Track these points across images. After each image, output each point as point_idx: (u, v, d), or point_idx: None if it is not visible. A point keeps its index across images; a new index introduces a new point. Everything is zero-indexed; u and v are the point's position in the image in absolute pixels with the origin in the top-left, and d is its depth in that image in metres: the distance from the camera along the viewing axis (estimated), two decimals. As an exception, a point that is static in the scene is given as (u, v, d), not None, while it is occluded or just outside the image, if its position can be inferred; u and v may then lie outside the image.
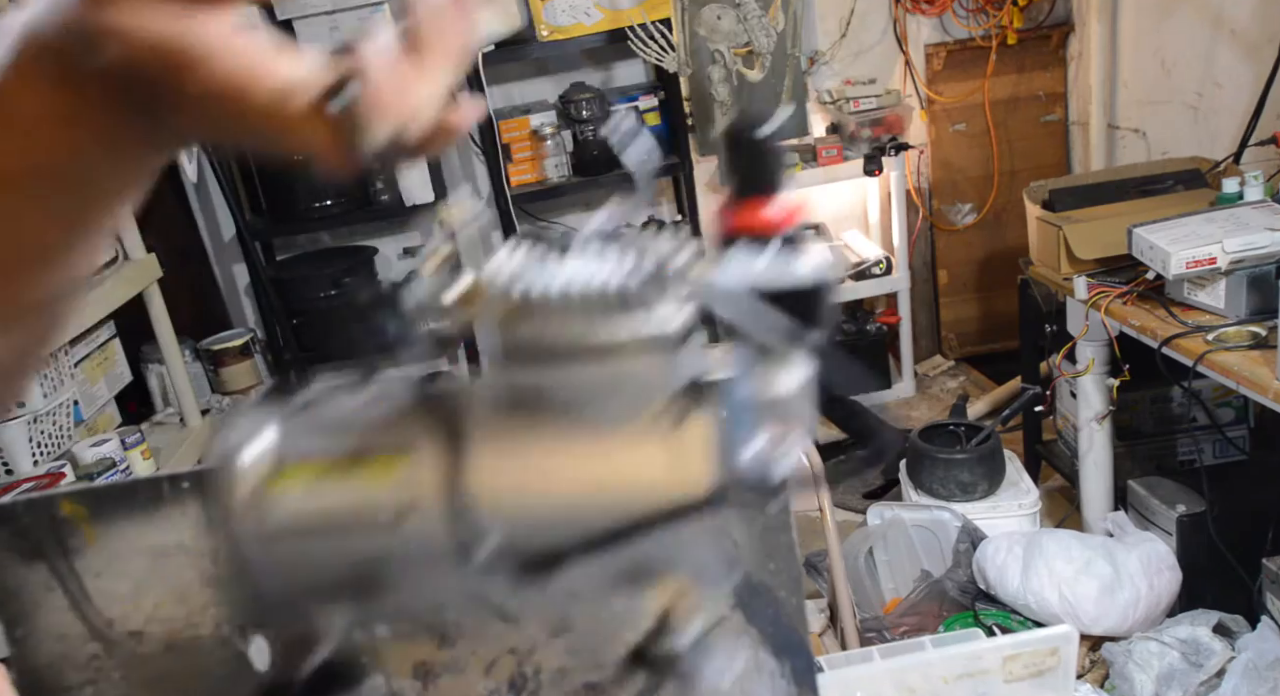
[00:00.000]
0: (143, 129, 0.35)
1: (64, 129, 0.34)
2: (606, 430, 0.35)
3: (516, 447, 0.35)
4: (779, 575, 0.83)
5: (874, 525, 2.40)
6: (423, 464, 0.35)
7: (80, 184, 0.36)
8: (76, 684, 0.78)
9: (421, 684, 0.82)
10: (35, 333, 0.39)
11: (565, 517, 0.35)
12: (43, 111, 0.34)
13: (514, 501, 0.35)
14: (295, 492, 0.36)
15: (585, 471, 0.35)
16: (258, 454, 0.36)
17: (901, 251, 3.55)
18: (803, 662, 0.85)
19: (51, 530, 0.76)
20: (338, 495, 0.35)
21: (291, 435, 0.37)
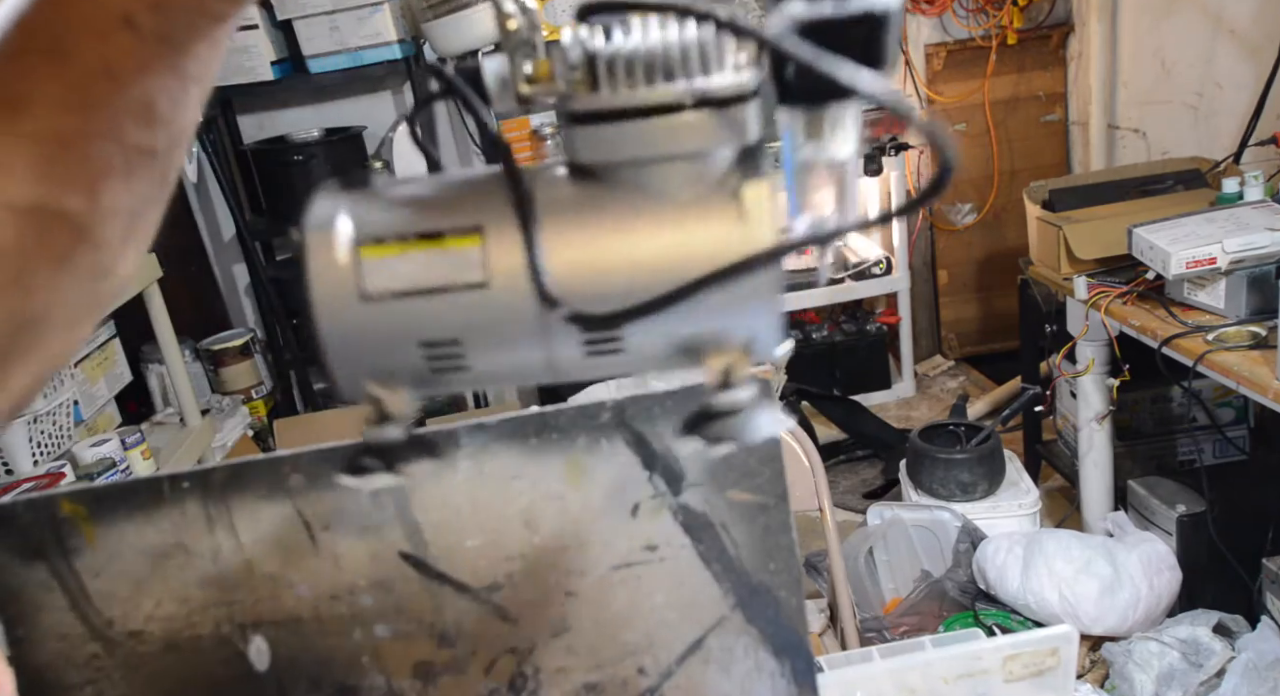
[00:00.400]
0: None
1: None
2: (671, 199, 0.37)
3: (585, 221, 0.37)
4: (779, 575, 0.83)
5: (874, 525, 2.40)
6: (494, 240, 0.37)
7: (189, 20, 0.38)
8: (76, 684, 0.78)
9: (421, 684, 0.82)
10: (155, 181, 0.41)
11: (634, 286, 0.36)
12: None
13: (584, 272, 0.37)
14: (384, 261, 0.37)
15: (652, 241, 0.37)
16: (346, 225, 0.38)
17: (901, 251, 3.55)
18: (803, 662, 0.85)
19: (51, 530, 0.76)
20: (421, 265, 0.37)
21: (364, 215, 0.38)
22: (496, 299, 0.37)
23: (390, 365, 0.39)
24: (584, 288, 0.37)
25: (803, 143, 0.36)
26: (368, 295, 0.37)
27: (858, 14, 0.33)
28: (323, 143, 3.31)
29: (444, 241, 0.37)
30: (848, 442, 3.31)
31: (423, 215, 0.38)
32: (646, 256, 0.37)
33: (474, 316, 0.38)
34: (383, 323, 0.38)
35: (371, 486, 0.40)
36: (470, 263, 0.37)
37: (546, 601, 0.81)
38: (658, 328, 0.37)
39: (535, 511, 0.80)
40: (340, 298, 0.38)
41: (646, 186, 0.37)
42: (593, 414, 0.79)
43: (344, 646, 0.80)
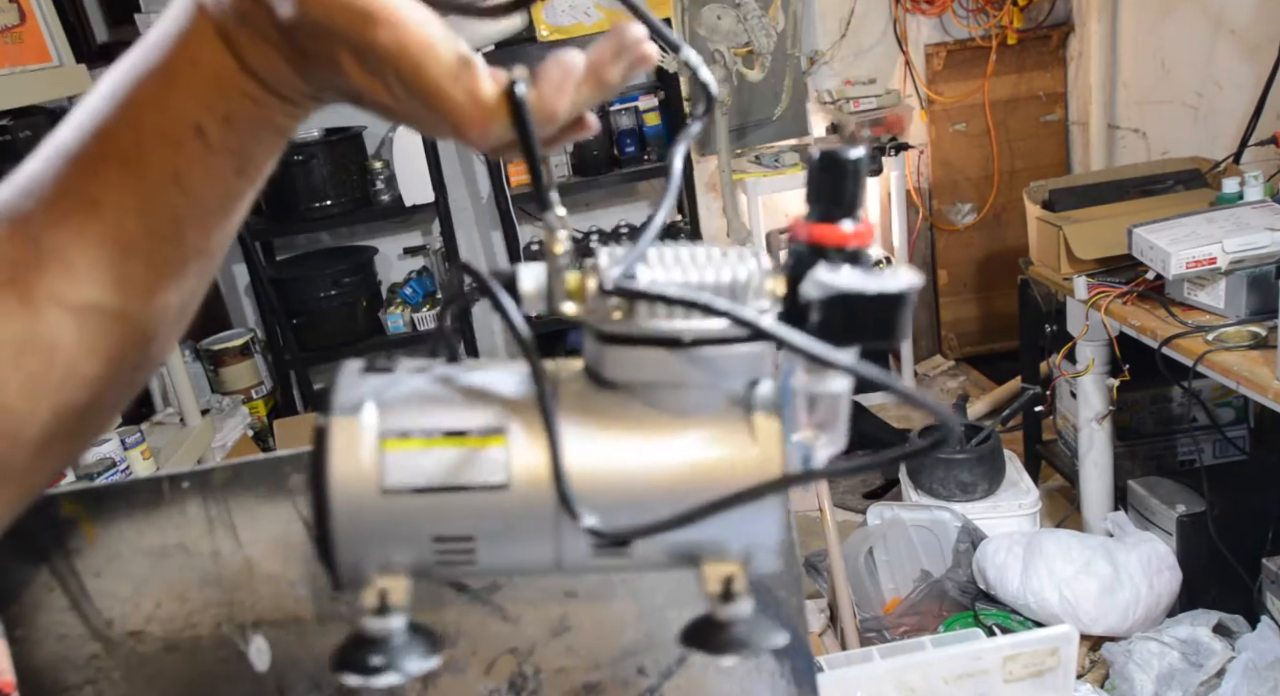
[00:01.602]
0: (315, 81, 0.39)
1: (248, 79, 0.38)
2: (689, 420, 0.39)
3: (605, 433, 0.39)
4: (779, 575, 0.83)
5: (874, 525, 2.40)
6: (517, 443, 0.38)
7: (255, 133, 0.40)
8: (76, 684, 0.78)
9: (421, 684, 0.82)
10: (204, 277, 0.43)
11: (646, 500, 0.38)
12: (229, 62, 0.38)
13: (599, 482, 0.38)
14: (406, 456, 0.38)
15: (667, 458, 0.39)
16: (371, 416, 0.39)
17: (901, 251, 3.55)
18: (803, 662, 0.85)
19: (51, 530, 0.76)
20: (443, 463, 0.38)
21: (389, 408, 0.39)
22: (515, 501, 0.38)
23: (399, 557, 0.39)
24: (597, 496, 0.38)
25: (801, 374, 0.39)
26: (388, 489, 0.38)
27: (876, 294, 0.36)
28: (323, 143, 3.31)
29: (468, 441, 0.38)
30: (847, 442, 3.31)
31: (448, 412, 0.39)
32: (661, 473, 0.39)
33: (491, 516, 0.38)
34: (398, 516, 0.38)
35: (378, 684, 0.39)
36: (493, 464, 0.38)
37: (546, 601, 0.82)
38: (666, 541, 0.39)
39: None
40: (359, 489, 0.38)
41: (666, 406, 0.39)
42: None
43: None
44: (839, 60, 3.62)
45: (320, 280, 3.41)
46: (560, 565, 0.40)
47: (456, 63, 0.37)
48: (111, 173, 0.38)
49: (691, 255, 0.39)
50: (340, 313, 3.44)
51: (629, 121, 3.46)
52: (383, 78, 0.37)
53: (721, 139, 3.27)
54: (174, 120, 0.38)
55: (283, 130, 0.42)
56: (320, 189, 3.33)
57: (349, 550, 0.39)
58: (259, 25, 0.37)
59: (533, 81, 0.38)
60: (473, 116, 0.37)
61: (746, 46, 3.23)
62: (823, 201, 0.38)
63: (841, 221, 0.38)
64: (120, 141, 0.38)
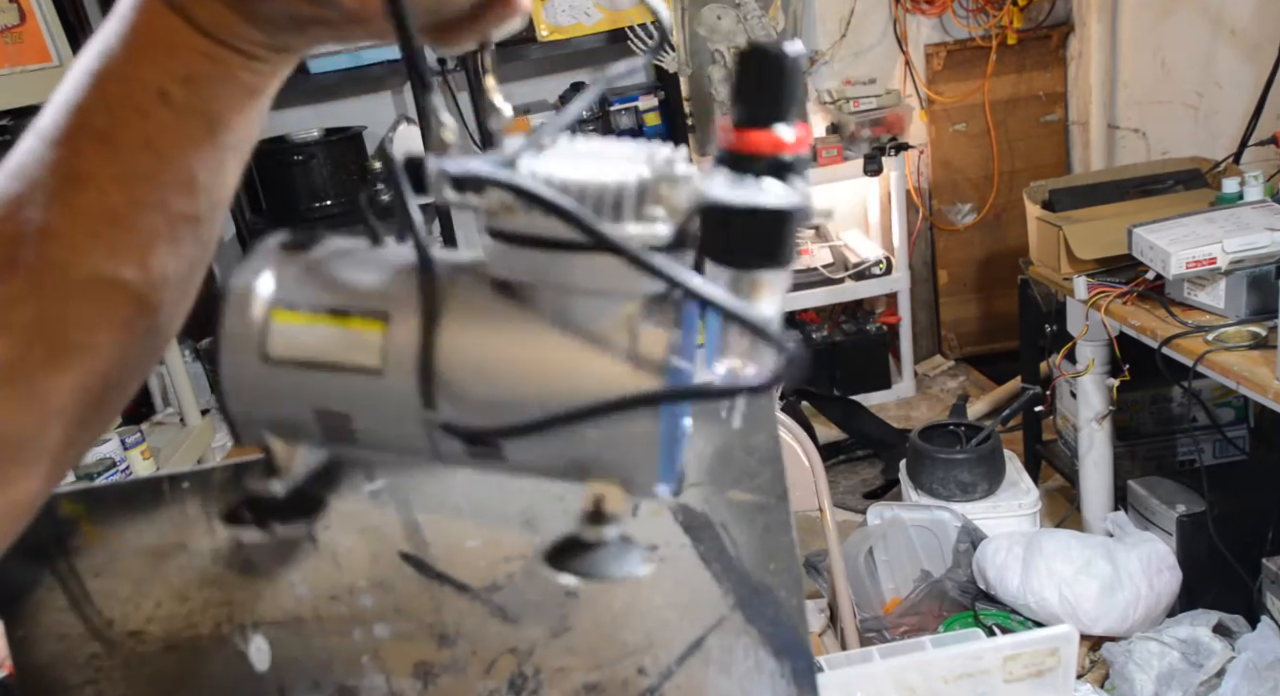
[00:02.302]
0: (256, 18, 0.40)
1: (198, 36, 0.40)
2: (575, 329, 0.38)
3: (488, 332, 0.38)
4: (779, 575, 0.83)
5: (874, 525, 2.40)
6: (398, 330, 0.38)
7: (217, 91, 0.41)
8: (76, 684, 0.78)
9: (421, 684, 0.82)
10: (200, 245, 0.44)
11: (520, 404, 0.37)
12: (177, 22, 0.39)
13: (475, 381, 0.38)
14: (291, 328, 0.39)
15: (546, 364, 0.38)
16: (267, 286, 0.40)
17: (901, 251, 3.55)
18: (803, 662, 0.85)
19: (51, 530, 0.76)
20: (323, 340, 0.39)
21: (287, 280, 0.40)
22: (387, 388, 0.38)
23: (285, 424, 0.40)
24: (472, 395, 0.38)
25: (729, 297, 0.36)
26: (269, 358, 0.39)
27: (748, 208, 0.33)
28: (323, 142, 3.31)
29: (349, 321, 0.39)
30: (848, 442, 3.31)
31: (340, 291, 0.39)
32: (537, 378, 0.37)
33: (364, 399, 0.39)
34: (281, 385, 0.39)
35: (244, 539, 0.41)
36: (368, 347, 0.38)
37: (546, 601, 0.81)
38: (538, 448, 0.38)
39: (535, 511, 0.80)
40: (245, 354, 0.39)
41: (555, 312, 0.38)
42: (593, 414, 0.79)
43: (344, 646, 0.80)
44: (839, 60, 3.61)
45: (320, 280, 3.41)
46: (441, 459, 0.40)
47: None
48: (88, 147, 0.40)
49: (603, 151, 0.37)
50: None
51: (629, 121, 3.46)
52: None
53: (721, 139, 3.27)
54: (137, 88, 0.40)
55: (251, 88, 0.42)
56: (320, 189, 3.33)
57: (239, 410, 0.40)
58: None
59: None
60: None
61: (746, 46, 3.22)
62: (750, 102, 0.34)
63: (775, 126, 0.34)
64: (93, 116, 0.40)
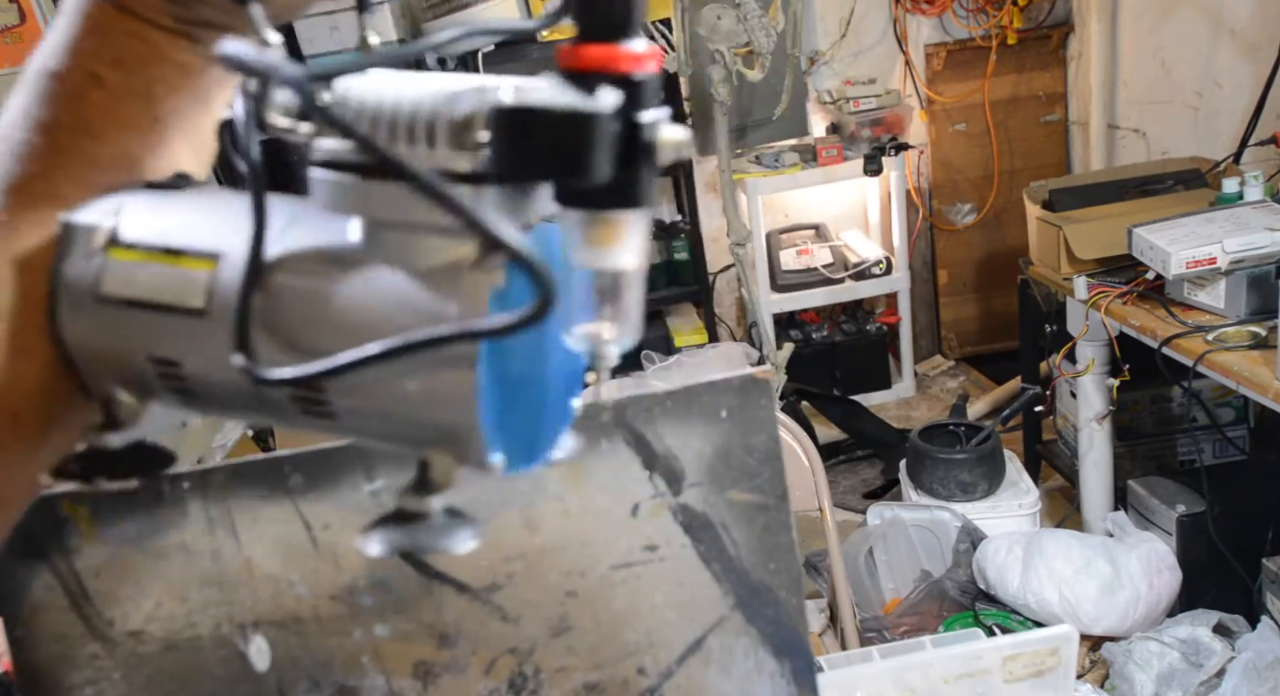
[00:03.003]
0: None
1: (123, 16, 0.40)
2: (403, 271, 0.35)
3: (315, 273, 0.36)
4: (779, 575, 0.83)
5: (874, 525, 2.40)
6: (227, 271, 0.37)
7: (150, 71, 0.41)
8: (76, 684, 0.78)
9: (421, 684, 0.82)
10: None
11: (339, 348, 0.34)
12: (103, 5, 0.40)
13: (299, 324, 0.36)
14: (126, 265, 0.38)
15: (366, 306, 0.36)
16: (109, 221, 0.39)
17: (901, 251, 3.55)
18: (803, 662, 0.85)
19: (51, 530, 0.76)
20: (155, 279, 0.38)
21: (134, 218, 0.39)
22: (211, 330, 0.37)
23: (127, 373, 0.39)
24: (299, 341, 0.36)
25: (580, 246, 0.33)
26: (101, 297, 0.38)
27: (541, 109, 0.31)
28: (323, 143, 3.31)
29: (181, 260, 0.38)
30: (848, 442, 3.31)
31: (180, 230, 0.38)
32: (356, 321, 0.35)
33: (189, 343, 0.38)
34: (111, 326, 0.38)
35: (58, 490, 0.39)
36: (194, 288, 0.37)
37: (546, 601, 0.81)
38: (366, 405, 0.36)
39: (535, 511, 0.80)
40: (80, 292, 0.38)
41: (384, 252, 0.36)
42: (593, 414, 0.79)
43: (344, 646, 0.80)
44: (839, 60, 3.61)
45: (320, 280, 3.41)
46: (271, 416, 0.39)
47: None
48: (31, 137, 0.41)
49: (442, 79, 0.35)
50: None
51: (629, 121, 3.46)
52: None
53: (721, 139, 3.27)
54: (72, 74, 0.41)
55: (187, 68, 0.42)
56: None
57: (79, 352, 0.39)
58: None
59: None
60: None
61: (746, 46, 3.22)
62: (589, 15, 0.32)
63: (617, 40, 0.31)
64: (33, 109, 0.41)
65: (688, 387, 0.81)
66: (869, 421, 3.31)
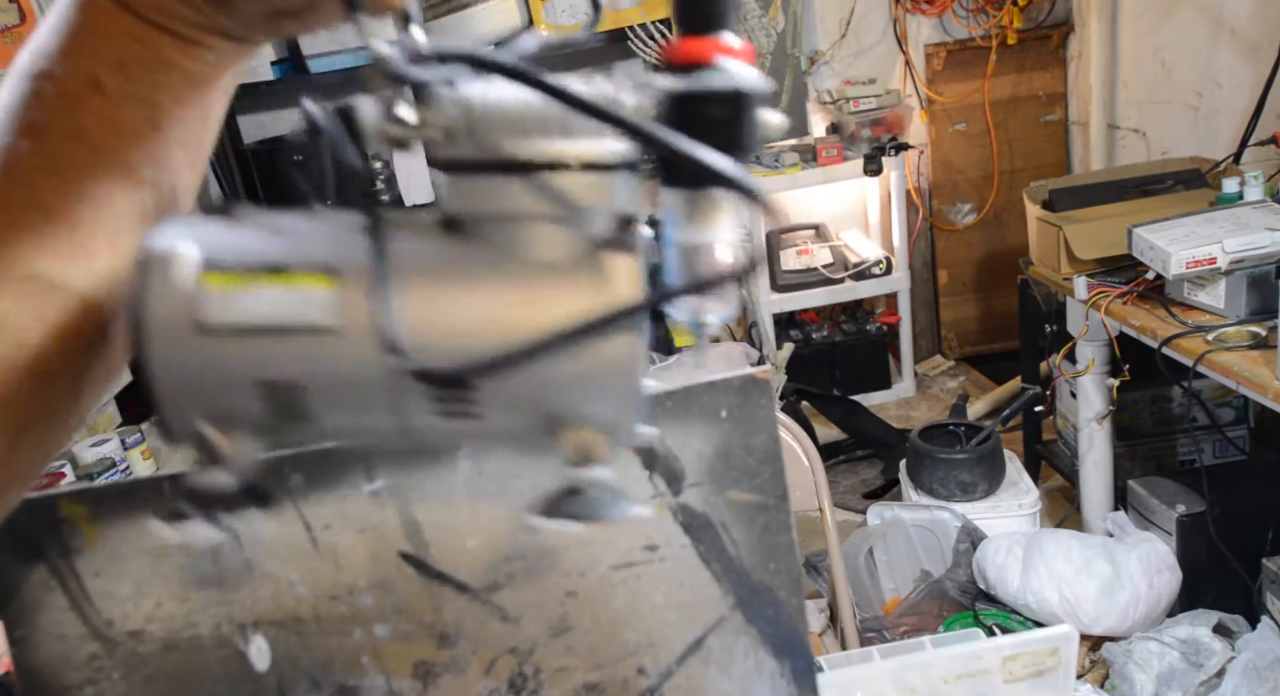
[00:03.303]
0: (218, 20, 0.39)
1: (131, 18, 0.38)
2: (536, 261, 0.36)
3: (446, 275, 0.36)
4: (779, 575, 0.83)
5: (874, 525, 2.40)
6: (349, 284, 0.35)
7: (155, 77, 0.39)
8: (76, 684, 0.78)
9: (421, 684, 0.82)
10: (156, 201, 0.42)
11: (490, 347, 0.34)
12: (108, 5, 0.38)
13: (440, 328, 0.35)
14: (226, 292, 0.35)
15: (511, 302, 0.35)
16: (191, 248, 0.36)
17: (901, 251, 3.55)
18: (803, 662, 0.85)
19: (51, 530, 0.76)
20: (266, 301, 0.35)
21: (212, 241, 0.37)
22: (344, 347, 0.35)
23: (227, 405, 0.36)
24: (439, 344, 0.35)
25: (684, 224, 0.35)
26: (206, 327, 0.35)
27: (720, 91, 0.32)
28: (323, 143, 3.31)
29: (292, 278, 0.35)
30: (848, 442, 3.31)
31: (275, 248, 0.37)
32: (505, 317, 0.35)
33: (319, 363, 0.35)
34: (220, 358, 0.35)
35: (187, 538, 0.36)
36: (318, 304, 0.35)
37: (546, 601, 0.81)
38: (514, 396, 0.36)
39: (535, 511, 0.80)
40: (176, 326, 0.35)
41: (513, 245, 0.36)
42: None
43: (344, 646, 0.80)
44: (839, 60, 3.61)
45: (320, 280, 3.41)
46: (406, 430, 0.37)
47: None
48: (17, 141, 0.38)
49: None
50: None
51: (629, 121, 3.46)
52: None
53: (721, 139, 3.27)
54: (68, 76, 0.38)
55: (195, 77, 0.40)
56: (320, 189, 3.33)
57: (172, 396, 0.36)
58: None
59: None
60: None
61: (746, 46, 3.22)
62: (689, 16, 0.35)
63: (717, 33, 0.34)
64: (23, 111, 0.38)
65: (687, 387, 0.81)
66: (869, 421, 3.31)
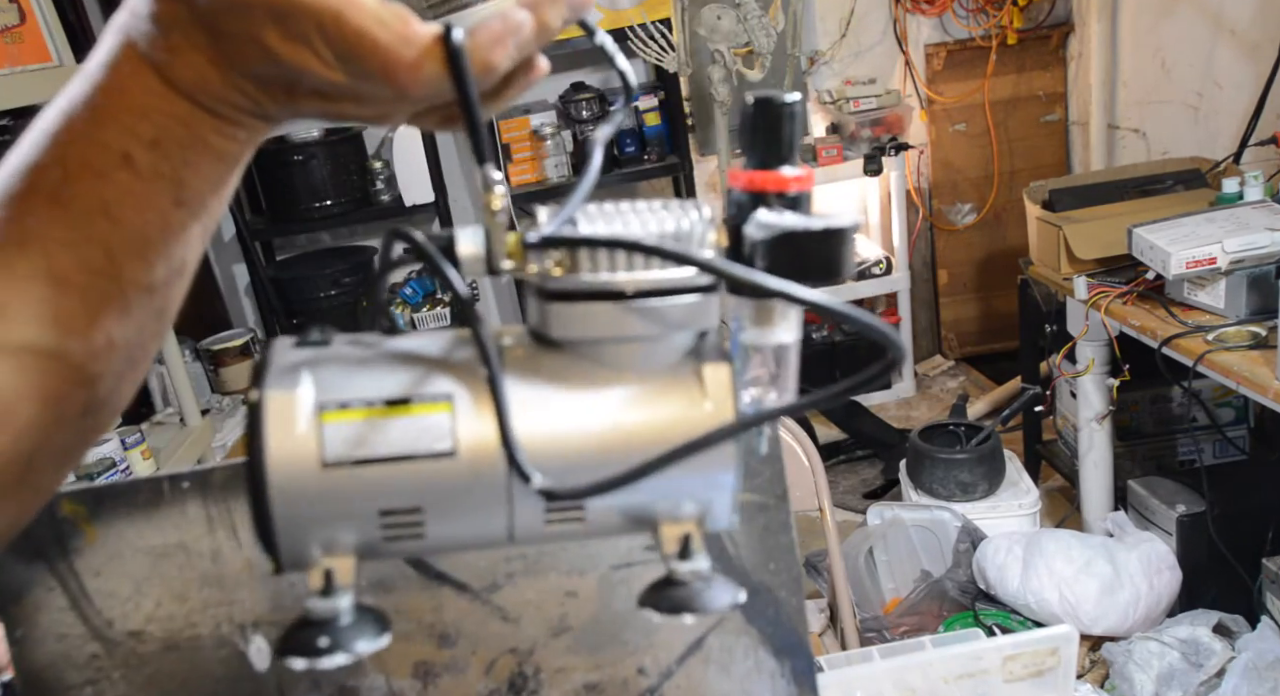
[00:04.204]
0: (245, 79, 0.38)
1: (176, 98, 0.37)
2: (636, 376, 0.39)
3: (553, 394, 0.38)
4: (779, 575, 0.83)
5: (874, 525, 2.40)
6: (463, 409, 0.37)
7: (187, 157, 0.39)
8: (76, 684, 0.78)
9: (421, 684, 0.82)
10: (153, 314, 0.41)
11: (599, 459, 0.38)
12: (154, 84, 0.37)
13: (550, 444, 0.37)
14: (346, 427, 0.37)
15: (618, 415, 0.38)
16: (306, 389, 0.37)
17: (901, 251, 3.55)
18: (803, 662, 0.85)
19: (51, 530, 0.76)
20: (386, 433, 0.37)
21: (324, 380, 0.38)
22: (463, 468, 0.37)
23: (344, 535, 0.38)
24: (548, 459, 0.37)
25: (748, 327, 0.39)
26: (329, 463, 0.36)
27: (821, 231, 0.37)
28: (323, 142, 3.31)
29: (411, 409, 0.37)
30: (848, 442, 3.31)
31: (388, 381, 0.38)
32: (612, 430, 0.38)
33: (439, 486, 0.37)
34: (341, 491, 0.37)
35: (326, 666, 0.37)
36: (438, 431, 0.37)
37: (546, 601, 0.81)
38: (618, 497, 0.38)
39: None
40: (298, 465, 0.36)
41: (613, 362, 0.38)
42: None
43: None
44: (839, 60, 3.61)
45: (320, 280, 3.41)
46: (513, 535, 0.39)
47: (380, 7, 0.36)
48: (38, 207, 0.37)
49: (632, 208, 0.39)
50: (340, 312, 3.44)
51: (629, 121, 3.46)
52: (308, 42, 0.36)
53: (721, 139, 3.27)
54: (100, 149, 0.37)
55: (222, 155, 0.40)
56: (320, 189, 3.33)
57: (291, 531, 0.37)
58: (179, 24, 0.36)
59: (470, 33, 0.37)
60: (402, 57, 0.36)
61: (746, 46, 3.22)
62: (759, 148, 0.39)
63: (780, 168, 0.38)
64: (47, 176, 0.38)
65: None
66: (869, 421, 3.31)
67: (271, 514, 0.36)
